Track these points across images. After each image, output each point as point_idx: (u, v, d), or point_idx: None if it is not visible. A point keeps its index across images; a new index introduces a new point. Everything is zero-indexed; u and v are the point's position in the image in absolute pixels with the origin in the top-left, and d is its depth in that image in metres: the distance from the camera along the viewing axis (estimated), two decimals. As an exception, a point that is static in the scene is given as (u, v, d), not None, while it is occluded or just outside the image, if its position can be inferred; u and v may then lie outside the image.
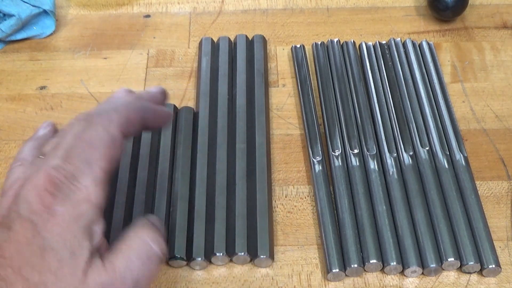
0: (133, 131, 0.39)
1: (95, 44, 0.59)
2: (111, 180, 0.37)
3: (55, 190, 0.34)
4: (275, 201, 0.48)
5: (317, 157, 0.49)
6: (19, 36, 0.59)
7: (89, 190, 0.35)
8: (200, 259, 0.43)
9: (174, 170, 0.48)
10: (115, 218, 0.45)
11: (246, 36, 0.58)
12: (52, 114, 0.54)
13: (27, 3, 0.58)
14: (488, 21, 0.61)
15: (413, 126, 0.50)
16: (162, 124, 0.42)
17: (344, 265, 0.43)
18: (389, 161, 0.48)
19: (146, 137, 0.50)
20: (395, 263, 0.43)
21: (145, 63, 0.58)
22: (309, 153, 0.49)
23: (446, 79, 0.56)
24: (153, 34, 0.61)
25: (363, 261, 0.43)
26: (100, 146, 0.36)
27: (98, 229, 0.35)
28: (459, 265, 0.44)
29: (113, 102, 0.40)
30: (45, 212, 0.34)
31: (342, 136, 0.50)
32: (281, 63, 0.58)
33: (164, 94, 0.44)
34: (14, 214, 0.34)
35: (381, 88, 0.53)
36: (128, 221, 0.45)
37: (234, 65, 0.56)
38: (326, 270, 0.43)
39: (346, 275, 0.44)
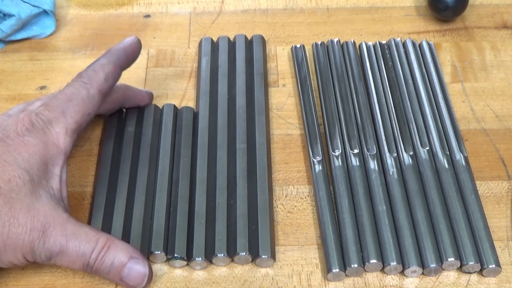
0: (111, 85, 0.46)
1: (95, 44, 0.59)
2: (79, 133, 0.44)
3: (31, 127, 0.41)
4: (275, 201, 0.48)
5: (317, 157, 0.49)
6: (19, 36, 0.59)
7: (59, 136, 0.42)
8: (200, 259, 0.43)
9: (174, 170, 0.48)
10: (115, 218, 0.45)
11: (245, 36, 0.58)
12: (52, 114, 0.54)
13: (27, 3, 0.58)
14: (488, 21, 0.61)
15: (413, 126, 0.50)
16: (134, 60, 0.49)
17: (344, 265, 0.43)
18: (389, 161, 0.48)
19: (146, 137, 0.50)
20: (395, 263, 0.43)
21: (145, 63, 0.58)
22: (309, 153, 0.49)
23: (446, 79, 0.56)
24: (153, 34, 0.61)
25: (363, 261, 0.43)
26: (77, 101, 0.43)
27: (59, 172, 0.41)
28: (459, 265, 0.44)
29: (91, 66, 0.46)
30: (18, 139, 0.40)
31: (342, 136, 0.50)
32: (281, 63, 0.58)
33: (137, 44, 0.49)
34: None
35: (381, 88, 0.53)
36: (128, 221, 0.45)
37: (234, 65, 0.56)
38: (326, 270, 0.43)
39: (346, 275, 0.44)
